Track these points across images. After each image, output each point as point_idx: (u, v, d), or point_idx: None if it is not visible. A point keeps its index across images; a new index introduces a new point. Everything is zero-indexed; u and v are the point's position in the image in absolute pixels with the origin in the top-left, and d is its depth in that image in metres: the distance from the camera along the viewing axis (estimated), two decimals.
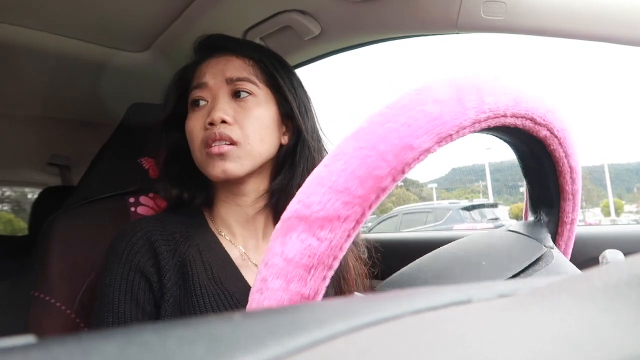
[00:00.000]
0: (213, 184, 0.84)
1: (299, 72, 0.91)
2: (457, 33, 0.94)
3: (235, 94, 0.79)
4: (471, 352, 0.15)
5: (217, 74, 0.80)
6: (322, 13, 1.01)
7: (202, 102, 0.80)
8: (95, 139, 1.27)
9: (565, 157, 0.52)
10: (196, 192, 0.84)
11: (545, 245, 0.49)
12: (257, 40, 1.11)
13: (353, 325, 0.17)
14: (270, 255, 0.36)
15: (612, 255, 0.53)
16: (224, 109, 0.77)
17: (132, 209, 0.99)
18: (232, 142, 0.76)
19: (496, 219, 9.17)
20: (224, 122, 0.76)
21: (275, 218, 0.84)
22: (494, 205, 11.14)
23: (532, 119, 0.45)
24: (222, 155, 0.75)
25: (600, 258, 0.53)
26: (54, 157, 1.95)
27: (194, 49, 0.88)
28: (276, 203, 0.82)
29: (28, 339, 0.15)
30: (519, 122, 0.44)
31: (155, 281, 0.74)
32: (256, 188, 0.82)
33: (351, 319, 0.18)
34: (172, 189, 0.83)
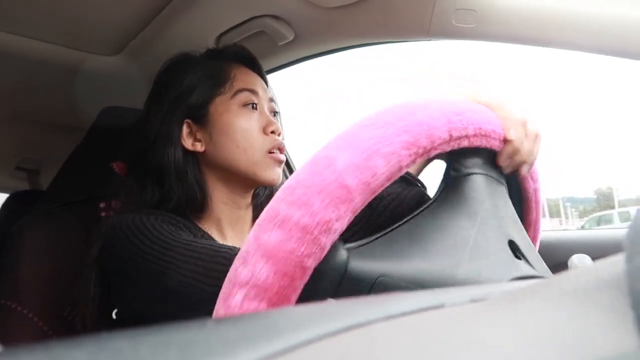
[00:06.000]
0: (213, 184, 0.83)
1: (273, 76, 0.93)
2: (430, 40, 0.95)
3: (273, 112, 0.89)
4: (444, 357, 0.15)
5: (264, 90, 0.89)
6: (296, 19, 1.02)
7: (255, 107, 0.85)
8: (66, 143, 1.24)
9: (535, 191, 0.53)
10: (198, 193, 0.81)
11: None
12: None
13: (327, 330, 0.17)
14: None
15: (580, 259, 0.54)
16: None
17: (103, 213, 0.98)
18: (283, 154, 0.85)
19: None
20: (279, 134, 0.85)
21: (257, 218, 0.87)
22: None
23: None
24: (280, 163, 0.84)
25: (569, 263, 0.55)
26: (23, 161, 1.90)
27: (229, 50, 0.91)
28: (261, 204, 0.89)
29: None
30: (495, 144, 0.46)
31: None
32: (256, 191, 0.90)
33: (325, 324, 0.18)
34: (183, 189, 0.80)
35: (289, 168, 1.42)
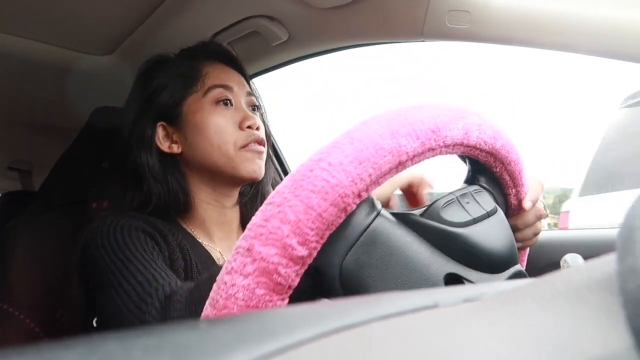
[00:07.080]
0: (195, 185, 0.83)
1: (272, 75, 0.93)
2: (423, 41, 0.95)
3: (252, 107, 0.88)
4: (437, 357, 0.15)
5: (240, 84, 0.86)
6: (290, 19, 1.02)
7: (228, 103, 0.84)
8: (58, 143, 1.23)
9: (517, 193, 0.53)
10: (181, 195, 0.81)
11: None
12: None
13: (321, 331, 0.17)
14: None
15: (572, 259, 0.55)
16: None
17: (95, 214, 0.97)
18: (264, 146, 0.83)
19: None
20: (257, 128, 0.83)
21: (244, 217, 0.90)
22: None
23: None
24: (259, 154, 0.82)
25: (561, 262, 0.55)
26: (15, 161, 1.89)
27: (201, 47, 0.90)
28: (247, 204, 0.89)
29: None
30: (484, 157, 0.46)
31: (162, 244, 0.73)
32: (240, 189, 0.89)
33: (319, 324, 0.18)
34: (164, 191, 0.80)
35: (282, 166, 1.41)
